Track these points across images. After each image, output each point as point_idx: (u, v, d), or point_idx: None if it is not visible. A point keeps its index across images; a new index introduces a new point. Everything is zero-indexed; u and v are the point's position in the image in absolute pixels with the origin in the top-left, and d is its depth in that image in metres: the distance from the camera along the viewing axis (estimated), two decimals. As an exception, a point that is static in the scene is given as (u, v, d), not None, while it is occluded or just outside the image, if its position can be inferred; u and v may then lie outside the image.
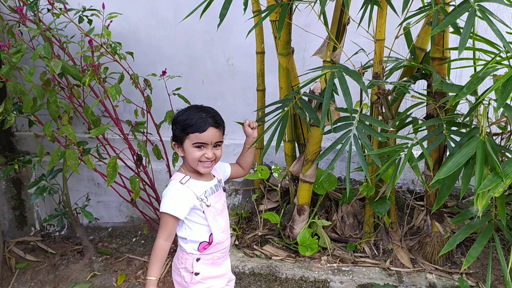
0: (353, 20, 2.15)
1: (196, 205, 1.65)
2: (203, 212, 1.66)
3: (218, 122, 1.65)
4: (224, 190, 1.80)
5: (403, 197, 2.75)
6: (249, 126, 1.87)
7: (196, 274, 1.72)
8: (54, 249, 3.11)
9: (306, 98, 2.02)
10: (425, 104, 2.26)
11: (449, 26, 1.75)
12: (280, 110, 2.04)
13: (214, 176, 1.77)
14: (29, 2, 2.38)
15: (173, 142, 1.70)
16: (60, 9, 2.43)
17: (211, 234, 1.69)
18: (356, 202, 2.63)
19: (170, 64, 2.94)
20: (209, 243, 1.69)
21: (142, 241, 3.19)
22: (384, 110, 2.21)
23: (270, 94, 2.80)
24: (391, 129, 1.91)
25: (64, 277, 2.83)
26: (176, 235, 1.71)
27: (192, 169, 1.69)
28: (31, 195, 3.22)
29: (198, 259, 1.71)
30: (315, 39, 2.44)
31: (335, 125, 1.84)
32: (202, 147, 1.63)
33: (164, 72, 2.56)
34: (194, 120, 1.62)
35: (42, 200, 2.59)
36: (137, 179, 2.27)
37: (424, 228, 2.40)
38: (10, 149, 3.37)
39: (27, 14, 2.17)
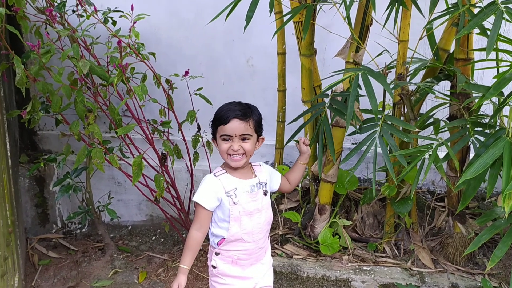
0: (377, 21, 2.17)
1: (223, 199, 1.67)
2: (229, 208, 1.67)
3: (245, 115, 1.64)
4: (265, 194, 1.75)
5: (423, 197, 2.75)
6: (303, 144, 1.87)
7: (214, 267, 1.76)
8: (76, 246, 3.16)
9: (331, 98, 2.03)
10: (447, 105, 2.27)
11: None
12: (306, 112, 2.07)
13: (256, 176, 1.75)
14: (56, 4, 2.43)
15: (212, 138, 1.74)
16: (85, 10, 2.48)
17: (229, 229, 1.69)
18: (376, 203, 2.64)
19: (191, 65, 2.97)
20: (225, 238, 1.71)
21: (162, 240, 3.23)
22: (406, 111, 2.22)
23: (290, 95, 2.83)
24: (416, 129, 1.91)
25: (86, 274, 2.88)
26: None
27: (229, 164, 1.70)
28: (53, 193, 3.29)
29: (217, 254, 1.75)
30: (336, 40, 2.45)
31: (359, 126, 1.86)
32: (228, 140, 1.64)
33: (186, 73, 2.59)
34: (221, 113, 1.65)
35: (67, 197, 2.64)
36: (162, 178, 2.31)
37: (445, 229, 2.40)
38: (33, 148, 3.43)
39: (56, 15, 2.22)
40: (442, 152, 1.97)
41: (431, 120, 2.35)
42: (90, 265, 2.96)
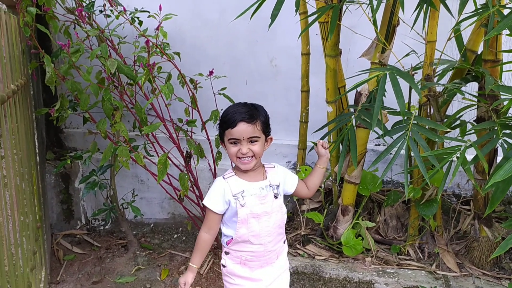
0: (404, 22, 2.15)
1: (231, 202, 1.65)
2: (237, 210, 1.65)
3: (251, 117, 1.59)
4: (276, 197, 1.71)
5: (448, 200, 2.72)
6: (322, 147, 1.81)
7: (223, 266, 1.78)
8: (100, 243, 3.21)
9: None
10: (474, 107, 2.24)
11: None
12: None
13: (267, 178, 1.72)
14: (85, 4, 2.48)
15: (220, 141, 1.71)
16: (112, 11, 2.53)
17: (237, 230, 1.68)
18: (400, 205, 2.62)
19: (214, 64, 2.99)
20: (233, 238, 1.71)
21: (184, 238, 3.26)
22: (432, 112, 2.20)
23: (313, 96, 2.83)
24: (448, 129, 1.89)
25: (110, 270, 2.92)
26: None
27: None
28: (78, 190, 3.35)
29: (227, 253, 1.76)
30: (360, 40, 2.44)
31: (387, 128, 1.85)
32: (236, 143, 1.61)
33: (211, 72, 2.61)
34: (227, 116, 1.62)
35: (93, 194, 2.68)
36: (186, 176, 2.33)
37: (471, 233, 2.37)
38: (59, 145, 3.50)
39: (85, 15, 2.26)
40: (469, 155, 1.95)
41: (457, 122, 2.33)
42: (113, 261, 3.01)
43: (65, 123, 3.46)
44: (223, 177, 1.71)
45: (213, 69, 2.62)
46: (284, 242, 1.82)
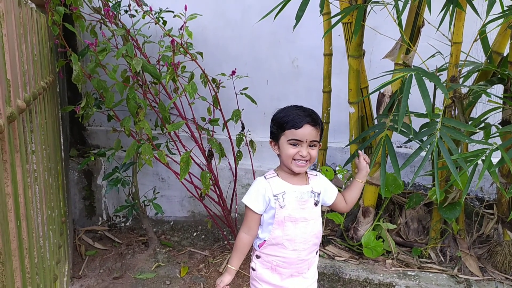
0: (429, 23, 2.14)
1: (271, 201, 1.63)
2: (275, 211, 1.63)
3: (315, 121, 1.60)
4: (316, 205, 1.68)
5: (471, 204, 2.68)
6: (364, 160, 1.79)
7: (253, 269, 1.75)
8: (120, 239, 3.26)
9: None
10: (500, 109, 2.21)
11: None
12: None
13: (309, 184, 1.69)
14: (111, 4, 2.53)
15: (270, 140, 1.69)
16: (136, 11, 2.57)
17: (272, 231, 1.66)
18: (422, 208, 2.60)
19: (236, 65, 3.01)
20: (266, 241, 1.68)
21: (203, 236, 3.29)
22: (457, 114, 2.18)
23: (334, 97, 2.82)
24: (477, 130, 1.86)
25: (130, 266, 2.97)
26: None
27: (286, 169, 1.66)
28: (100, 186, 3.40)
29: (258, 256, 1.73)
30: (383, 42, 2.43)
31: (420, 132, 1.83)
32: (297, 145, 1.59)
33: (233, 72, 2.63)
34: (291, 117, 1.60)
35: (115, 191, 2.73)
36: (208, 174, 2.36)
37: (494, 237, 2.34)
38: (82, 142, 3.57)
39: (112, 15, 2.30)
40: (494, 158, 1.92)
41: (482, 125, 2.30)
42: (134, 258, 3.05)
43: (89, 121, 3.53)
44: (265, 177, 1.68)
45: (235, 68, 2.64)
46: (317, 253, 1.78)
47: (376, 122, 2.49)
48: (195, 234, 3.32)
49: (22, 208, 1.18)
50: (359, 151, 1.80)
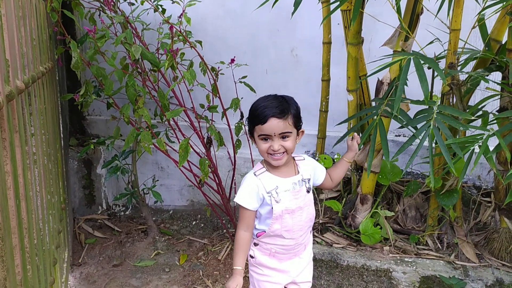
0: (427, 10, 2.14)
1: (265, 198, 1.63)
2: (272, 207, 1.64)
3: (282, 112, 1.53)
4: (308, 191, 1.69)
5: (469, 192, 2.70)
6: (356, 141, 1.80)
7: (252, 257, 1.77)
8: (120, 228, 3.28)
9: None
10: (497, 97, 2.21)
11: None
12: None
13: (299, 172, 1.68)
14: (110, -9, 2.52)
15: (249, 134, 1.66)
16: (136, -1, 2.57)
17: (270, 225, 1.67)
18: (419, 195, 2.61)
19: (235, 54, 3.00)
20: (265, 232, 1.70)
21: (202, 225, 3.30)
22: (455, 102, 2.19)
23: (333, 85, 2.83)
24: (473, 117, 1.87)
25: (130, 254, 2.99)
26: None
27: None
28: (100, 175, 3.41)
29: (256, 244, 1.75)
30: (381, 30, 2.44)
31: (415, 118, 1.84)
32: (267, 139, 1.55)
33: (232, 60, 2.63)
34: (257, 111, 1.55)
35: (114, 180, 2.74)
36: (207, 162, 2.37)
37: (491, 224, 2.35)
38: (81, 132, 3.57)
39: (111, 2, 2.30)
40: (491, 146, 1.93)
41: (480, 112, 2.31)
42: (133, 246, 3.07)
43: (88, 110, 3.53)
44: (254, 174, 1.65)
45: (234, 57, 2.65)
46: (311, 232, 1.81)
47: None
48: (194, 222, 3.33)
49: (21, 188, 1.19)
50: (355, 133, 1.81)
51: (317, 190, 2.82)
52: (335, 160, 2.73)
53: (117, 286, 2.65)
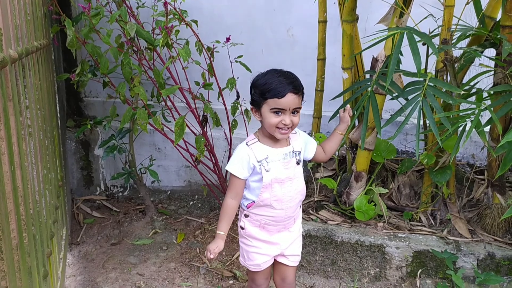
0: (422, -14, 2.14)
1: (256, 167, 1.68)
2: (262, 176, 1.68)
3: (297, 88, 1.60)
4: (298, 163, 1.75)
5: (463, 170, 2.72)
6: (348, 113, 1.83)
7: (242, 228, 1.81)
8: (118, 208, 3.31)
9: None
10: (491, 74, 2.22)
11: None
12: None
13: (290, 144, 1.74)
14: (105, -31, 2.52)
15: (251, 106, 1.69)
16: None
17: (260, 194, 1.72)
18: (413, 173, 2.63)
19: (231, 34, 3.00)
20: (255, 202, 1.74)
21: (199, 205, 3.34)
22: (449, 80, 2.20)
23: (329, 65, 2.83)
24: (462, 92, 1.89)
25: (128, 233, 3.02)
26: None
27: (267, 133, 1.69)
28: (97, 157, 3.43)
29: (246, 216, 1.79)
30: (377, 9, 2.44)
31: (405, 90, 1.85)
32: (280, 113, 1.60)
33: (228, 39, 2.64)
34: (273, 85, 1.58)
35: (110, 161, 2.76)
36: (202, 139, 2.38)
37: (484, 201, 2.38)
38: (79, 113, 3.58)
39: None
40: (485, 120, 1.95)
41: (474, 90, 2.32)
42: (131, 225, 3.10)
43: (85, 92, 3.54)
44: (247, 144, 1.71)
45: (229, 35, 2.65)
46: (300, 207, 1.87)
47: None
48: (191, 203, 3.37)
49: (16, 157, 1.21)
50: (347, 105, 1.83)
51: (313, 170, 2.84)
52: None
53: (115, 263, 2.69)
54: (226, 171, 3.01)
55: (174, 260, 2.70)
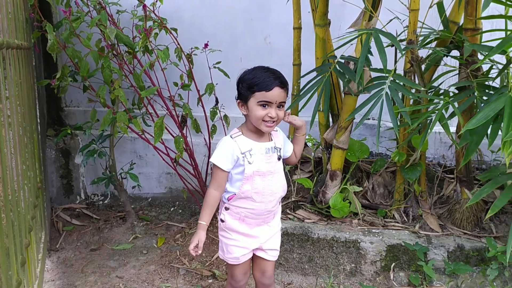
0: (389, -9, 2.26)
1: (239, 159, 1.75)
2: (244, 167, 1.75)
3: (284, 83, 1.71)
4: (279, 159, 1.83)
5: (433, 169, 2.82)
6: (286, 120, 1.86)
7: (222, 221, 1.86)
8: (98, 216, 3.31)
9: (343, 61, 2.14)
10: (456, 73, 2.34)
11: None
12: (315, 81, 2.18)
13: (272, 140, 1.82)
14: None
15: (238, 101, 1.77)
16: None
17: (241, 186, 1.77)
18: (387, 174, 2.72)
19: (211, 43, 3.09)
20: (236, 194, 1.79)
21: (180, 211, 3.36)
22: (417, 80, 2.31)
23: (304, 70, 2.93)
24: (423, 89, 1.99)
25: (108, 239, 3.03)
26: None
27: (251, 127, 1.77)
28: (78, 165, 3.45)
29: (227, 208, 1.84)
30: (350, 17, 2.57)
31: (368, 85, 1.95)
32: (266, 106, 1.68)
33: (206, 45, 2.73)
34: (261, 79, 1.68)
35: (91, 170, 2.78)
36: (181, 139, 2.44)
37: (453, 197, 2.47)
38: (59, 123, 3.59)
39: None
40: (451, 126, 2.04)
41: (442, 91, 2.43)
42: (111, 231, 3.11)
43: (66, 101, 3.57)
44: (231, 137, 1.78)
45: (208, 41, 2.74)
46: (279, 203, 1.93)
47: (342, 88, 2.62)
48: (172, 209, 3.39)
49: (-5, 139, 1.25)
50: (286, 112, 1.83)
51: (290, 173, 2.91)
52: (306, 141, 2.83)
53: (95, 267, 2.69)
54: (206, 176, 3.08)
55: (154, 263, 2.71)
